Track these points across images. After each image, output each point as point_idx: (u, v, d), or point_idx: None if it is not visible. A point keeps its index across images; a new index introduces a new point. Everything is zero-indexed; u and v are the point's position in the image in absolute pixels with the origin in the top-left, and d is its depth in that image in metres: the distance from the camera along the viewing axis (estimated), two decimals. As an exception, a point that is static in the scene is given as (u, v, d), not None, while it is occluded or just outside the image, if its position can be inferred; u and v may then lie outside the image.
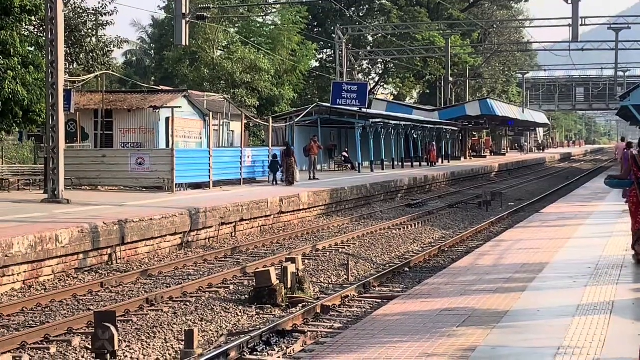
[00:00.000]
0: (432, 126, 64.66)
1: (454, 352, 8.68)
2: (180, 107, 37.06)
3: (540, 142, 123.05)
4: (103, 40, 40.04)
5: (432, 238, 25.24)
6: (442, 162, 63.79)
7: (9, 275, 16.23)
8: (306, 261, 19.28)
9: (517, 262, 15.31)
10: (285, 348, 12.08)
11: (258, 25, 62.51)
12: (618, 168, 26.11)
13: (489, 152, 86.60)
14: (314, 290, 16.27)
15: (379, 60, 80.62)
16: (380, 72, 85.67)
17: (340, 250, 21.91)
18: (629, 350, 8.52)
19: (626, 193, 28.50)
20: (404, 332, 9.84)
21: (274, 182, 35.67)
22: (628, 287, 12.31)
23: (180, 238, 22.11)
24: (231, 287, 16.66)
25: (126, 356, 11.63)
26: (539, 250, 16.81)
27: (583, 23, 29.33)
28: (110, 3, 38.95)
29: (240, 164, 35.47)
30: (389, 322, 10.68)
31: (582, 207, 27.87)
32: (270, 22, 63.87)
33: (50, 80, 25.57)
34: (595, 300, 11.34)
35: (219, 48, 56.46)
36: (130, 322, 13.53)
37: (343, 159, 51.44)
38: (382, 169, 51.00)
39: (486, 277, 13.83)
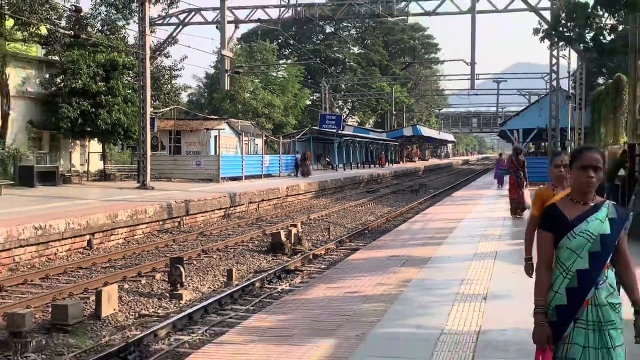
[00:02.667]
0: (382, 142, 64.79)
1: (397, 283, 8.70)
2: (223, 129, 36.95)
3: (445, 152, 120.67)
4: (174, 87, 39.91)
5: (382, 212, 25.26)
6: (388, 165, 63.74)
7: (116, 235, 16.23)
8: (303, 226, 19.29)
9: (437, 227, 15.35)
10: (290, 280, 12.11)
11: (273, 77, 62.23)
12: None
13: (417, 158, 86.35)
14: (308, 245, 16.31)
15: (349, 100, 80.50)
16: (350, 107, 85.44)
17: (325, 219, 21.94)
18: (506, 282, 8.55)
19: (499, 182, 28.83)
20: (366, 270, 9.85)
21: (296, 175, 36.90)
22: (506, 242, 12.33)
23: (224, 212, 22.08)
24: (256, 242, 16.68)
25: (190, 285, 11.63)
26: (451, 219, 16.83)
27: (477, 77, 29.40)
28: (179, 63, 39.17)
29: (261, 165, 35.43)
30: (357, 264, 10.70)
31: (477, 192, 27.93)
32: (280, 76, 63.58)
33: (141, 111, 25.51)
34: (485, 250, 11.38)
35: (248, 92, 56.20)
36: (192, 264, 13.53)
37: (326, 162, 51.43)
38: (351, 169, 50.97)
39: (417, 236, 13.86)
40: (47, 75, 28.62)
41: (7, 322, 8.20)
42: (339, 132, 50.37)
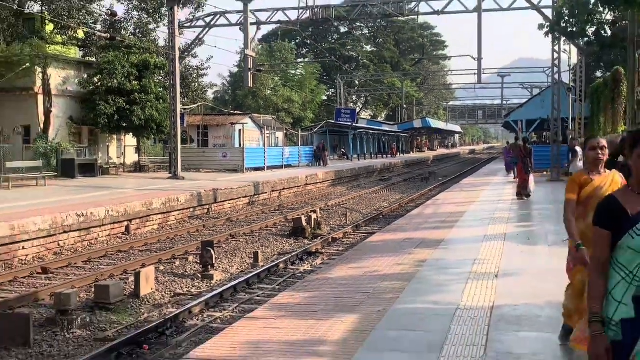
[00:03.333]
0: (393, 134, 64.44)
1: (413, 263, 8.65)
2: (247, 123, 37.00)
3: (453, 142, 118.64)
4: (202, 85, 39.98)
5: (395, 198, 25.12)
6: (399, 155, 63.41)
7: (151, 221, 16.32)
8: (322, 212, 19.24)
9: (448, 211, 15.23)
10: (311, 262, 12.10)
11: (292, 75, 62.09)
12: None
13: (427, 148, 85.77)
14: (327, 229, 16.27)
15: (362, 95, 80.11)
16: (363, 102, 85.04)
17: (342, 206, 21.89)
18: (516, 261, 8.47)
19: (509, 169, 28.28)
20: (383, 252, 9.80)
21: (314, 164, 37.42)
22: (513, 225, 12.22)
23: (249, 199, 22.12)
24: (279, 227, 16.68)
25: (220, 266, 11.67)
26: (461, 204, 16.67)
27: (483, 72, 29.10)
28: (205, 62, 39.26)
29: (282, 156, 35.42)
30: (374, 246, 10.66)
31: (484, 180, 27.65)
32: (299, 73, 63.40)
33: (172, 108, 25.56)
34: (494, 232, 11.26)
35: (269, 89, 56.13)
36: (221, 247, 13.57)
37: (342, 153, 51.31)
38: (365, 159, 50.78)
39: (429, 220, 13.76)
40: (85, 76, 28.81)
41: (55, 301, 8.30)
42: (354, 125, 50.15)
